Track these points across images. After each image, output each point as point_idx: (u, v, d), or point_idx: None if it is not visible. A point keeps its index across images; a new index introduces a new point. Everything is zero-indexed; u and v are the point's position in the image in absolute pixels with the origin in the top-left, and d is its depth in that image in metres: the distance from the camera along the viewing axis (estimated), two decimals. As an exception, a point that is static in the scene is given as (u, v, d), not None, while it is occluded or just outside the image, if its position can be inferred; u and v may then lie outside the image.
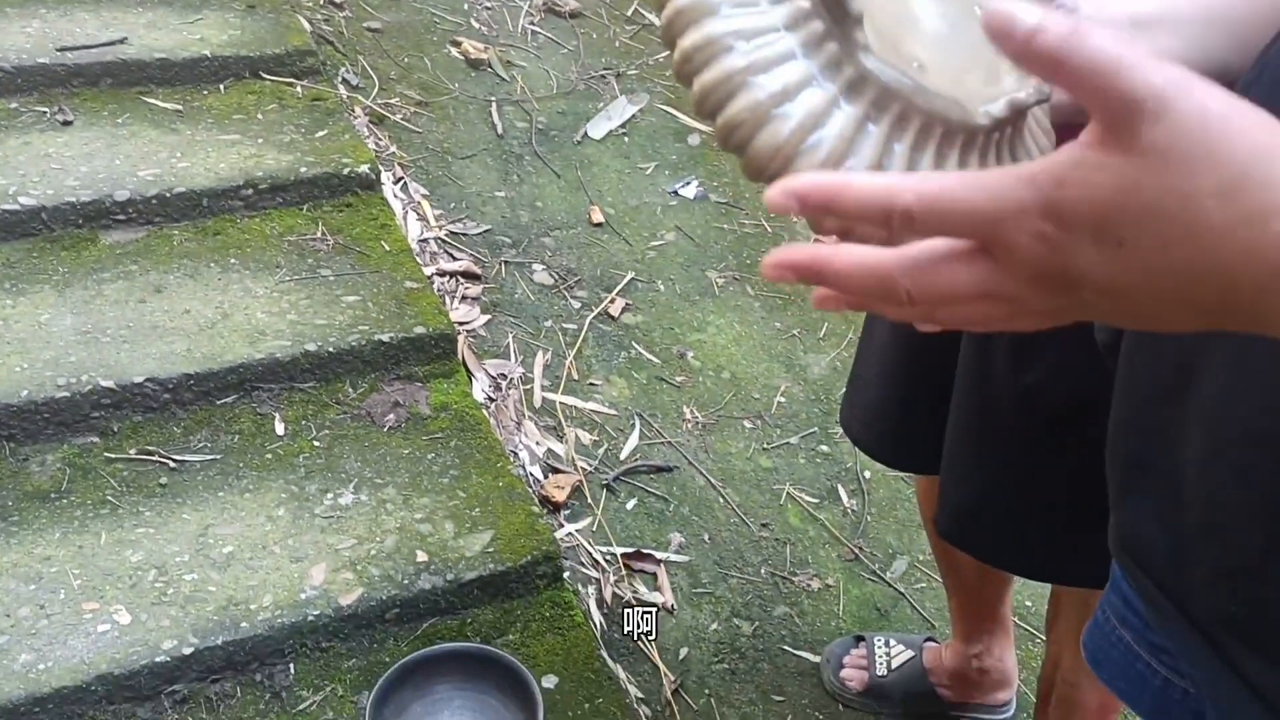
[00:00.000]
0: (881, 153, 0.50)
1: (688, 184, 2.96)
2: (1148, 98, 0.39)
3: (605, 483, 2.15)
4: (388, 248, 2.39)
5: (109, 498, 1.82)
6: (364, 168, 2.53)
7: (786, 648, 1.94)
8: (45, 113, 2.51)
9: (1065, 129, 1.38)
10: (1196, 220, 0.39)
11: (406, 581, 1.76)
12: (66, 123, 2.50)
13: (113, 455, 1.90)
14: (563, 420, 2.25)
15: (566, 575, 1.92)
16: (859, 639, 1.92)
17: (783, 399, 2.43)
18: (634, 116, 3.14)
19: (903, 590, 2.08)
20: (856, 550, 2.14)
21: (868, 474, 2.29)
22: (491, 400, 2.25)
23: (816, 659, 1.92)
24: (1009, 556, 1.33)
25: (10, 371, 1.91)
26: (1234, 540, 0.59)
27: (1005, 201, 0.41)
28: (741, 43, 0.50)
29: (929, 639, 1.91)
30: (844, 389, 1.62)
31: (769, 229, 2.87)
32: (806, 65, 0.49)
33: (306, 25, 3.02)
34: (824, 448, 2.33)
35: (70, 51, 2.62)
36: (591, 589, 1.98)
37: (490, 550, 1.83)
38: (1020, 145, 0.57)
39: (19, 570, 1.68)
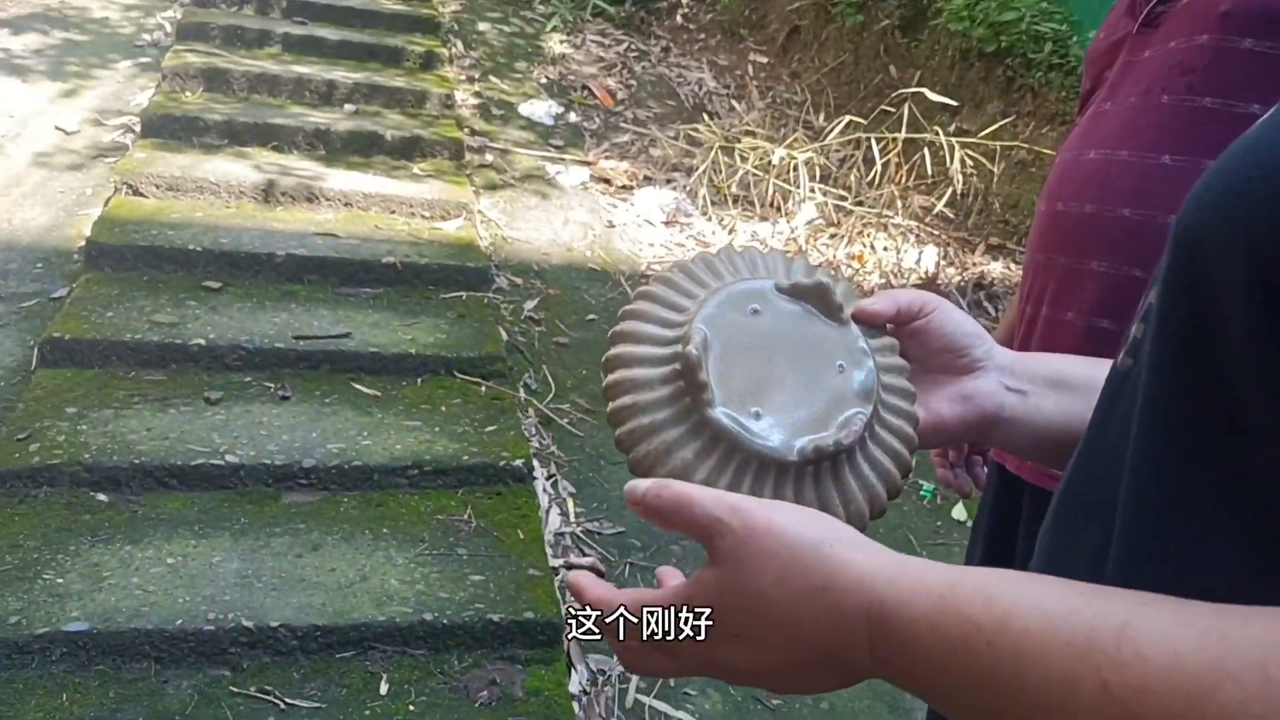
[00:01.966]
0: (711, 477, 0.67)
1: (824, 512, 3.06)
2: (707, 520, 0.55)
3: None
4: (522, 536, 2.62)
5: (221, 727, 2.03)
6: (519, 462, 2.82)
7: None
8: (270, 388, 2.97)
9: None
10: (771, 607, 0.53)
11: None
12: (284, 397, 2.95)
13: (236, 689, 2.12)
14: (649, 724, 2.32)
15: None
16: None
17: (879, 738, 2.40)
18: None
19: None
20: None
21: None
22: (586, 694, 2.35)
23: None
24: None
25: (173, 602, 2.22)
26: None
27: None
28: (639, 399, 0.71)
29: None
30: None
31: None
32: (669, 412, 0.69)
33: (504, 335, 3.46)
34: (913, 797, 2.26)
35: (303, 340, 3.12)
36: None
37: (540, 839, 1.89)
38: (844, 474, 0.72)
39: (127, 779, 1.89)
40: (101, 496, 2.50)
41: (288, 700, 2.11)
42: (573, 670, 2.38)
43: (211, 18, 5.09)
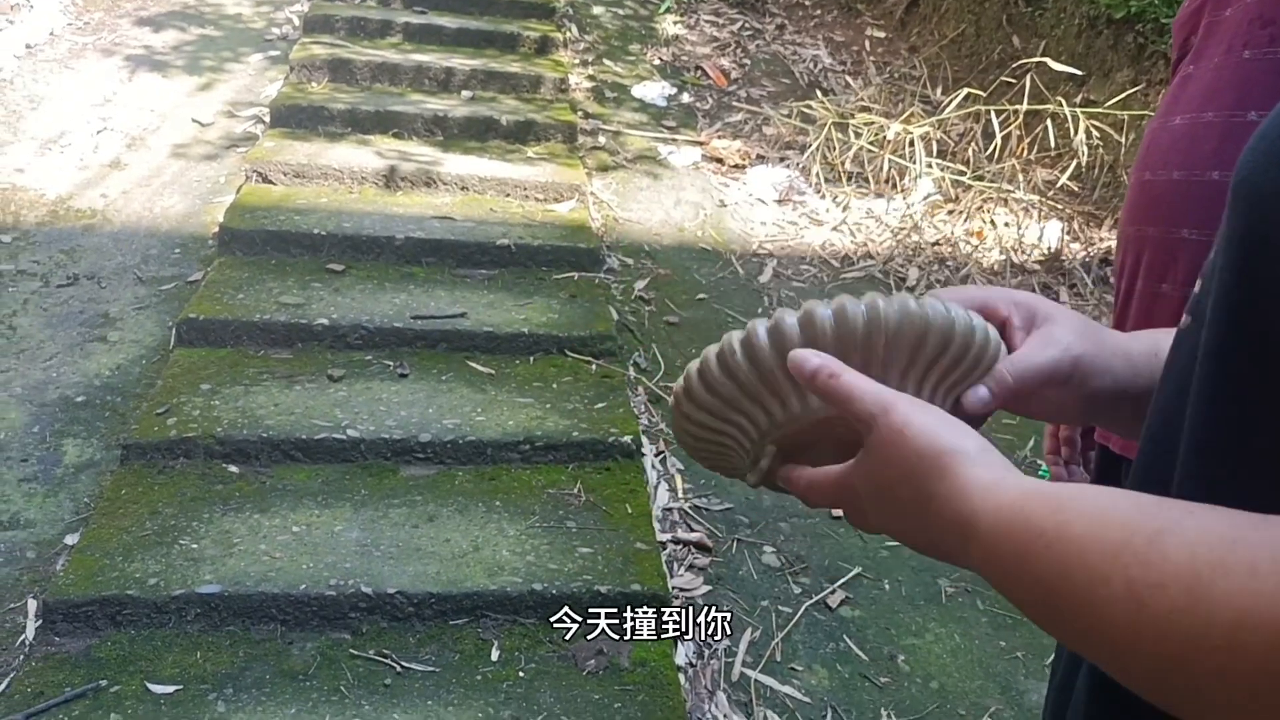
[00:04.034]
0: None
1: (937, 491, 3.02)
2: (864, 415, 0.63)
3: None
4: (630, 511, 2.65)
5: (341, 688, 2.13)
6: (627, 438, 2.85)
7: None
8: (390, 365, 3.07)
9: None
10: (896, 497, 0.62)
11: (560, 816, 1.89)
12: (403, 375, 3.05)
13: (356, 652, 2.22)
14: (755, 698, 2.32)
15: None
16: None
17: (990, 720, 2.36)
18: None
19: None
20: None
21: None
22: (692, 665, 2.37)
23: None
24: None
25: (299, 568, 2.32)
26: None
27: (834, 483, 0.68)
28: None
29: None
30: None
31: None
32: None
33: (614, 314, 3.49)
34: (1025, 780, 2.22)
35: (421, 319, 3.22)
36: None
37: (644, 805, 1.93)
38: None
39: (255, 733, 2.00)
40: (232, 468, 2.63)
41: (404, 664, 2.20)
42: (679, 643, 2.40)
43: (336, 10, 5.26)
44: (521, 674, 2.21)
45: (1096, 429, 1.48)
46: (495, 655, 2.25)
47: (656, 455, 3.00)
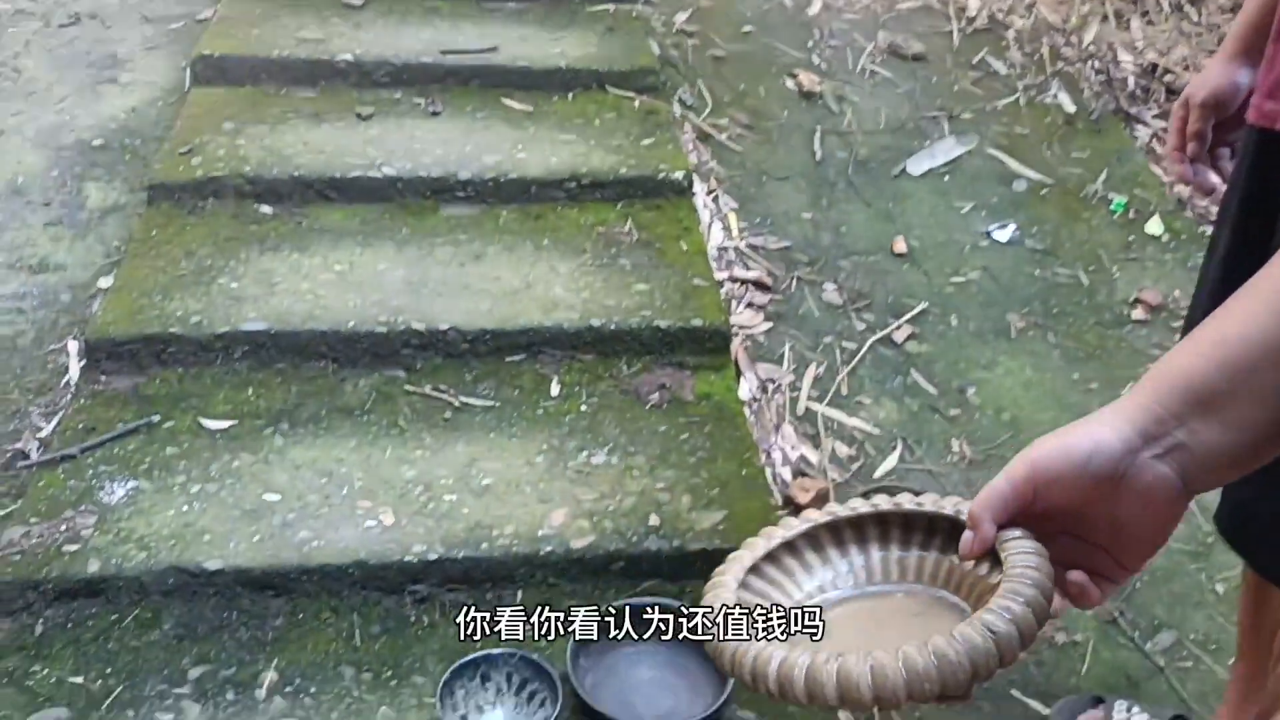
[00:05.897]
0: None
1: (1004, 227, 2.87)
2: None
3: (855, 496, 2.13)
4: (685, 248, 2.51)
5: (400, 422, 2.06)
6: (678, 175, 2.68)
7: (1015, 693, 1.82)
8: (420, 103, 2.88)
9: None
10: None
11: (636, 539, 1.85)
12: (435, 113, 2.85)
13: (411, 388, 2.14)
14: (823, 431, 2.26)
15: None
16: (1098, 700, 1.77)
17: (1064, 449, 2.29)
18: (959, 158, 3.09)
19: (1163, 665, 1.89)
20: (1117, 613, 1.97)
21: (1146, 540, 2.10)
22: (756, 400, 2.30)
23: (1046, 710, 1.79)
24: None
25: (345, 306, 2.22)
26: None
27: None
28: None
29: (1178, 716, 1.73)
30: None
31: (1085, 280, 2.72)
32: None
33: (656, 48, 3.25)
34: (1101, 505, 2.17)
35: (450, 55, 2.99)
36: (818, 592, 1.96)
37: (720, 528, 1.88)
38: None
39: (316, 465, 1.94)
40: (265, 208, 2.49)
41: (462, 399, 2.12)
42: (742, 378, 2.32)
43: None
44: (584, 408, 2.14)
45: (1252, 105, 1.30)
46: (555, 390, 2.17)
47: (708, 193, 2.84)
